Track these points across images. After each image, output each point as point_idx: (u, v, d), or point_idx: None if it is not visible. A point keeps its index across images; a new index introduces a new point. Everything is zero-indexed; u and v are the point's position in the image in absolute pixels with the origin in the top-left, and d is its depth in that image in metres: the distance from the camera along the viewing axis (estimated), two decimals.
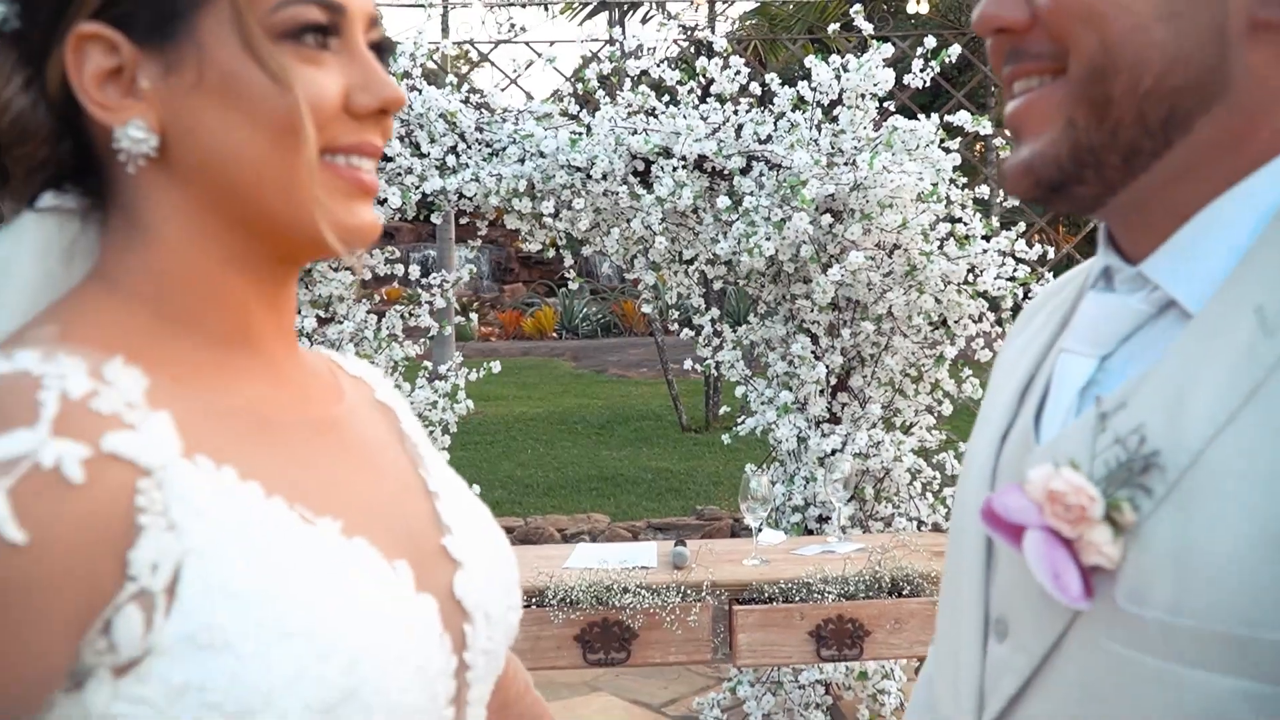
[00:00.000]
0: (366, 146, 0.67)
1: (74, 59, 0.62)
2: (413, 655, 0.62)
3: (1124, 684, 0.57)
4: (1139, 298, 0.65)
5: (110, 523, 0.54)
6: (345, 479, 0.68)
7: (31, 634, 0.53)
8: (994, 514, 0.60)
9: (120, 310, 0.64)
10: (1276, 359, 0.56)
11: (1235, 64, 0.60)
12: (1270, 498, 0.53)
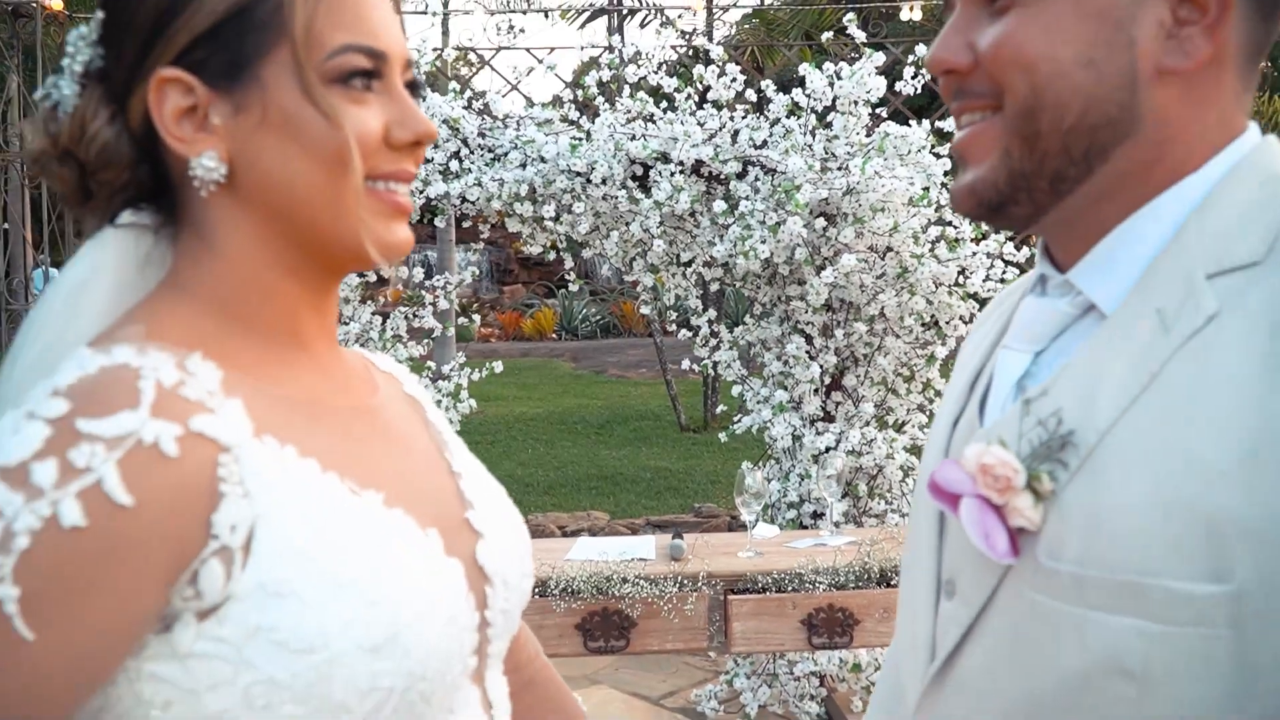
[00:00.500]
0: (403, 174, 0.77)
1: (156, 98, 0.73)
2: (444, 608, 0.72)
3: (1043, 627, 0.67)
4: (1066, 301, 0.76)
5: (197, 490, 0.65)
6: (383, 459, 0.78)
7: (133, 582, 0.62)
8: (937, 485, 0.71)
9: (193, 313, 0.74)
10: (1171, 352, 0.66)
11: (1144, 104, 0.70)
12: (1161, 470, 0.63)
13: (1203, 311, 0.66)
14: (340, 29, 0.73)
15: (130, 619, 0.63)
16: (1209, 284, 0.67)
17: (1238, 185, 0.70)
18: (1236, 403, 0.62)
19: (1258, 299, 0.65)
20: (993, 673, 0.71)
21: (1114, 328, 0.70)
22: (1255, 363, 0.63)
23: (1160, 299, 0.68)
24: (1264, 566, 0.59)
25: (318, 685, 0.66)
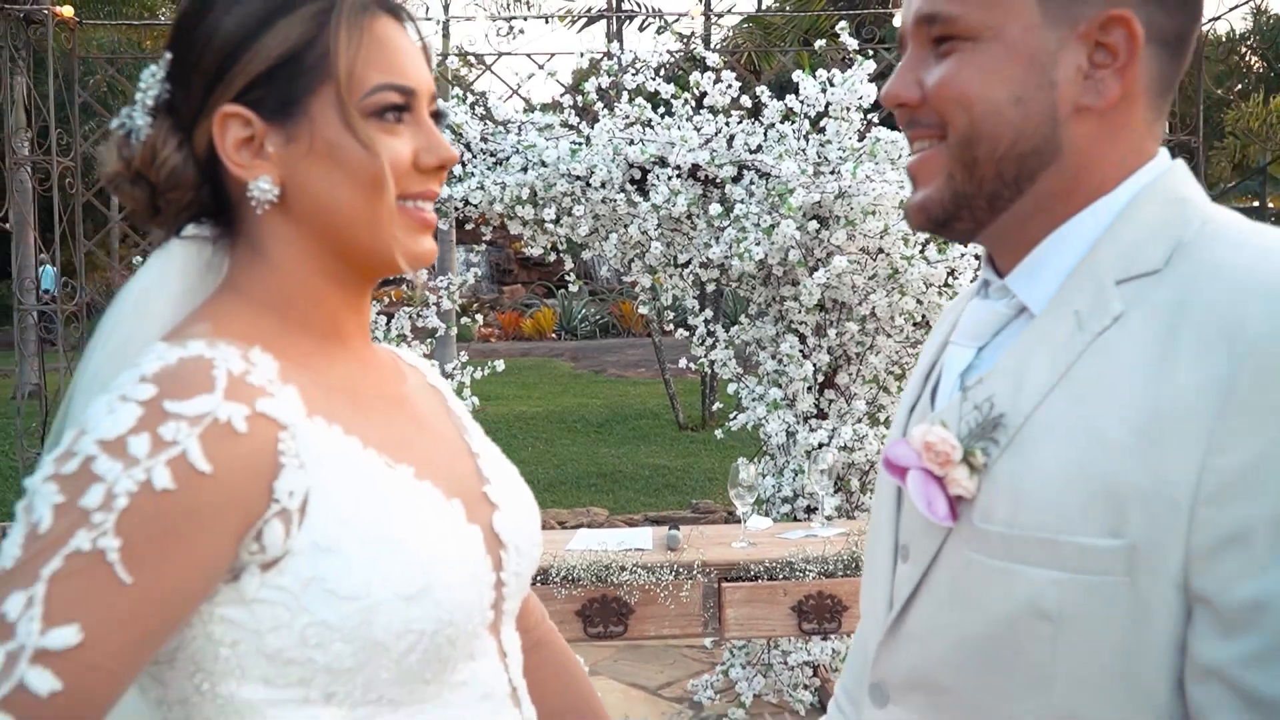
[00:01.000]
0: (429, 193, 0.89)
1: (219, 130, 0.84)
2: (466, 566, 0.84)
3: (976, 580, 0.78)
4: (1004, 304, 0.87)
5: (262, 462, 0.76)
6: (413, 439, 0.90)
7: (210, 536, 0.74)
8: (889, 460, 0.82)
9: (251, 313, 0.86)
10: (1084, 347, 0.77)
11: (1064, 136, 0.82)
12: (1072, 445, 0.75)
13: (1110, 312, 0.78)
14: (375, 70, 0.85)
15: (207, 568, 0.74)
16: (1117, 289, 0.79)
17: (1145, 205, 0.82)
18: (1133, 388, 0.74)
19: (1155, 301, 0.76)
20: (936, 621, 0.83)
21: (1040, 326, 0.82)
22: (1149, 355, 0.74)
23: (1077, 302, 0.80)
24: (1152, 524, 0.71)
25: (361, 627, 0.77)
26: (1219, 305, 0.73)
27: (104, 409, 0.74)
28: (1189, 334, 0.73)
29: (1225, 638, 0.68)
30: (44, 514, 0.71)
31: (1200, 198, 0.83)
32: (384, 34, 0.86)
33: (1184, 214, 0.81)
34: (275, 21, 0.84)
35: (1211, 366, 0.71)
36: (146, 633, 0.72)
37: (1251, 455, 0.68)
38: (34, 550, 0.70)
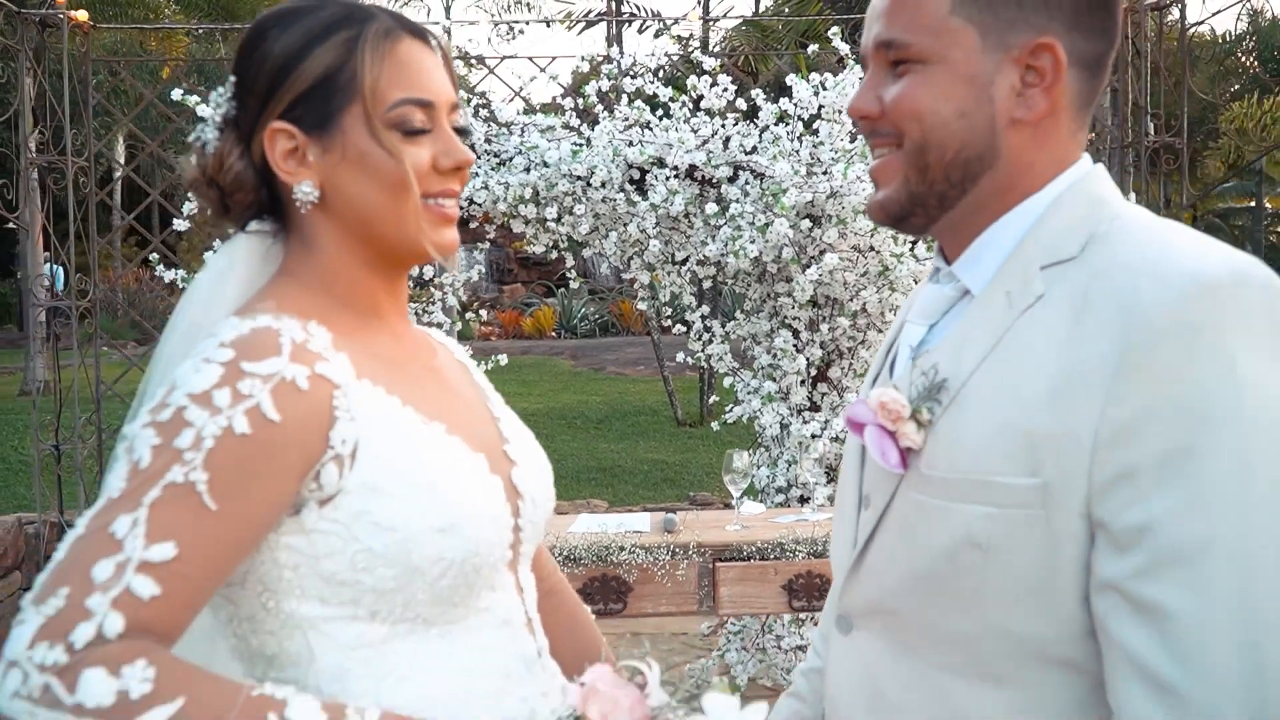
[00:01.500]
0: (449, 192, 1.02)
1: (269, 143, 0.99)
2: (489, 509, 0.98)
3: (922, 518, 0.92)
4: (950, 287, 1.01)
5: (320, 414, 0.91)
6: (444, 401, 1.04)
7: (278, 475, 0.88)
8: (850, 419, 0.97)
9: (305, 293, 1.00)
10: (1012, 322, 0.91)
11: (1001, 145, 0.96)
12: (1000, 403, 0.89)
13: (1034, 292, 0.92)
14: (397, 87, 0.99)
15: (275, 501, 0.89)
16: (1041, 273, 0.93)
17: (1067, 203, 0.96)
18: (1048, 355, 0.87)
19: (1070, 283, 0.90)
20: (890, 556, 0.97)
21: (978, 305, 0.96)
22: (1063, 328, 0.88)
23: (1009, 284, 0.94)
24: (1061, 465, 0.84)
25: (401, 555, 0.92)
26: (1119, 288, 0.87)
27: (191, 369, 0.88)
28: (1094, 311, 0.87)
29: (1118, 556, 0.83)
30: (144, 453, 0.85)
31: (1115, 198, 0.97)
32: (405, 55, 1.00)
33: (1099, 211, 0.95)
34: (313, 49, 0.99)
35: (1110, 337, 0.85)
36: (227, 552, 0.86)
37: (1139, 408, 0.82)
38: (136, 483, 0.84)
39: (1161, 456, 0.81)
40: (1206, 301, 0.83)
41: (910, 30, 0.95)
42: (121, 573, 0.81)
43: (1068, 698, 0.88)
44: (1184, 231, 0.92)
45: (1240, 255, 0.87)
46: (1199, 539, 0.79)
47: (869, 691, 1.00)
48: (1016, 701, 0.89)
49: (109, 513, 0.83)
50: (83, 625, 0.79)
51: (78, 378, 5.13)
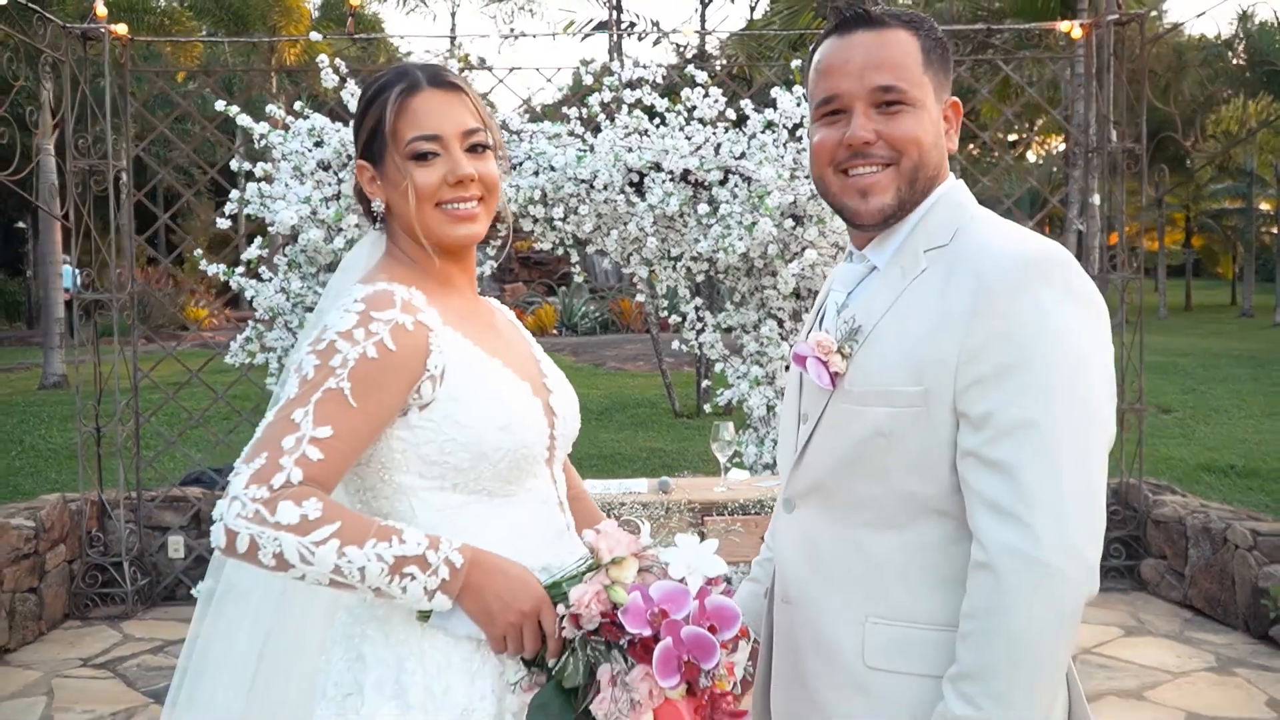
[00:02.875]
0: (458, 198, 1.41)
1: (359, 173, 1.43)
2: (532, 418, 1.39)
3: (845, 420, 1.32)
4: (862, 266, 1.42)
5: (420, 348, 1.31)
6: (500, 345, 1.45)
7: (393, 387, 1.27)
8: (796, 355, 1.37)
9: (402, 269, 1.41)
10: (905, 287, 1.32)
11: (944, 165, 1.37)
12: (896, 341, 1.28)
13: (919, 267, 1.33)
14: (410, 128, 1.40)
15: (390, 404, 1.29)
16: (924, 255, 1.33)
17: (941, 206, 1.37)
18: (928, 308, 1.28)
19: (942, 261, 1.31)
20: (822, 450, 1.37)
21: (881, 277, 1.37)
22: (937, 290, 1.29)
23: (902, 262, 1.35)
24: (936, 378, 1.25)
25: (474, 443, 1.32)
26: (973, 263, 1.28)
27: (338, 316, 1.29)
28: (957, 279, 1.28)
29: (973, 433, 1.23)
30: (309, 370, 1.26)
31: (971, 203, 1.38)
32: (419, 103, 1.41)
33: (961, 214, 1.36)
34: (369, 108, 1.43)
35: (966, 295, 1.26)
36: (361, 435, 1.27)
37: (983, 339, 1.23)
38: (305, 389, 1.25)
39: (998, 369, 1.22)
40: (1026, 271, 1.25)
41: (904, 80, 1.35)
42: (299, 444, 1.22)
43: (942, 534, 1.29)
44: (1013, 226, 1.34)
45: (1048, 241, 1.29)
46: (1022, 419, 1.21)
47: (807, 550, 1.40)
48: (910, 541, 1.30)
49: (289, 407, 1.24)
50: (277, 475, 1.20)
51: (117, 366, 5.50)
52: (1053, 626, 1.18)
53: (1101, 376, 1.26)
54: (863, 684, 1.30)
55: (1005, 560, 1.19)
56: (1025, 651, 1.18)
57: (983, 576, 1.21)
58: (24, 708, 4.18)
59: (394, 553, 1.22)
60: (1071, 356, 1.23)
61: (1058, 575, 1.18)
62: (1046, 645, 1.19)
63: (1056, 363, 1.22)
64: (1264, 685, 4.16)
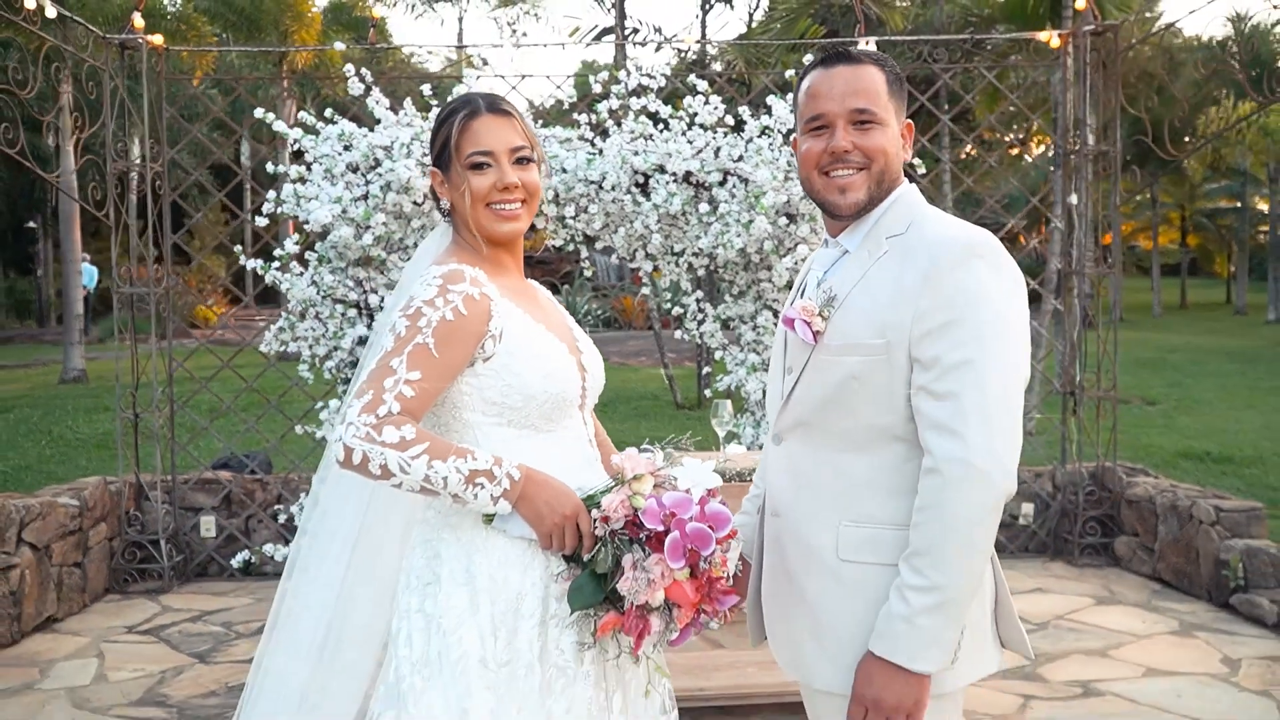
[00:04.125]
0: (505, 199, 1.77)
1: (432, 177, 1.80)
2: (568, 371, 1.75)
3: (824, 369, 1.67)
4: (836, 250, 1.78)
5: (484, 313, 1.67)
6: (542, 315, 1.80)
7: (464, 343, 1.63)
8: (786, 317, 1.73)
9: (466, 254, 1.76)
10: (871, 265, 1.68)
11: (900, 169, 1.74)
12: (865, 307, 1.64)
13: (882, 250, 1.69)
14: (470, 144, 1.77)
15: (462, 356, 1.65)
16: (886, 240, 1.70)
17: (898, 203, 1.73)
18: (887, 281, 1.64)
19: (900, 246, 1.67)
20: (804, 394, 1.72)
21: (853, 258, 1.73)
22: (896, 268, 1.64)
23: (870, 247, 1.71)
24: (896, 333, 1.60)
25: (524, 388, 1.68)
26: (923, 246, 1.64)
27: (422, 288, 1.65)
28: (912, 259, 1.65)
29: (924, 372, 1.59)
30: (402, 329, 1.62)
31: (921, 202, 1.75)
32: (477, 125, 1.78)
33: (913, 210, 1.73)
34: (440, 128, 1.81)
35: (919, 271, 1.62)
36: (442, 379, 1.63)
37: (932, 303, 1.59)
38: (399, 343, 1.61)
39: (943, 324, 1.58)
40: (965, 252, 1.61)
41: (875, 105, 1.72)
42: (396, 384, 1.58)
43: (898, 455, 1.65)
44: (953, 219, 1.71)
45: (981, 230, 1.66)
46: (962, 360, 1.57)
47: (792, 473, 1.76)
48: (874, 462, 1.66)
49: (387, 357, 1.60)
50: (381, 407, 1.56)
51: (155, 358, 5.85)
52: (980, 514, 1.54)
53: (1019, 331, 1.62)
54: (836, 573, 1.67)
55: (947, 465, 1.55)
56: (959, 534, 1.54)
57: (930, 479, 1.57)
58: (78, 668, 4.54)
59: (469, 467, 1.59)
60: (998, 316, 1.59)
61: (985, 476, 1.54)
62: (975, 529, 1.55)
63: (987, 319, 1.58)
64: (1219, 646, 4.53)
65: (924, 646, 1.55)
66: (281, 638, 1.99)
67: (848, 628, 1.64)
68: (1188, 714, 3.79)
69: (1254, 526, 5.22)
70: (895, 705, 1.56)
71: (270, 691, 2.00)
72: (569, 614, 1.66)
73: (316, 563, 1.87)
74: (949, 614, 1.55)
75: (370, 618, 1.90)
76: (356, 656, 1.94)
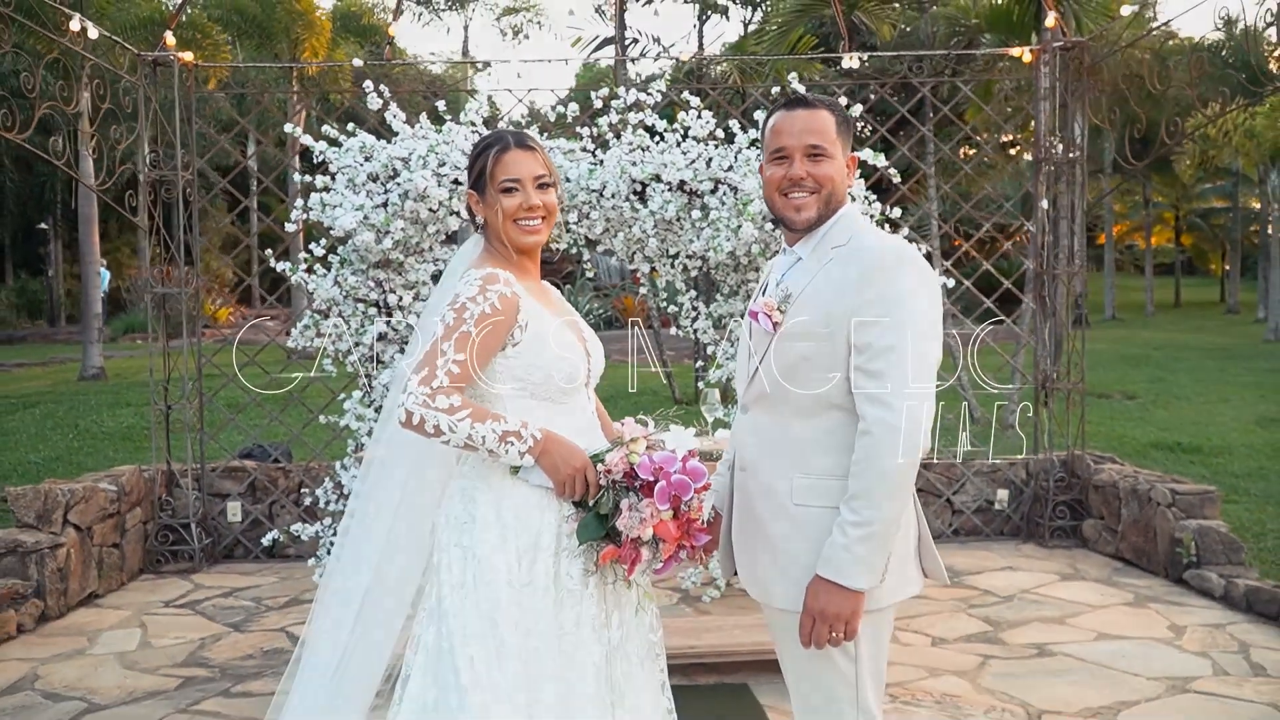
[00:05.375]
0: (529, 217, 2.19)
1: (469, 198, 2.23)
2: (577, 354, 2.17)
3: (782, 352, 2.08)
4: (792, 257, 2.19)
5: (514, 307, 2.10)
6: (557, 312, 2.22)
7: (498, 331, 2.05)
8: (750, 311, 2.14)
9: (497, 260, 2.18)
10: (819, 270, 2.08)
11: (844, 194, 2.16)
12: (814, 302, 2.05)
13: (828, 258, 2.10)
14: (503, 173, 2.19)
15: (497, 342, 2.07)
16: (831, 250, 2.11)
17: (842, 221, 2.14)
18: (833, 283, 2.05)
19: (843, 254, 2.07)
20: (766, 373, 2.12)
21: (804, 264, 2.14)
22: (839, 271, 2.05)
23: (819, 255, 2.12)
24: (839, 324, 2.01)
25: (544, 367, 2.10)
26: (861, 254, 2.06)
27: (465, 286, 2.07)
28: (853, 264, 2.06)
29: (860, 355, 2.00)
30: (450, 320, 2.03)
31: (860, 219, 2.16)
32: (509, 158, 2.20)
33: (854, 225, 2.14)
34: (477, 159, 2.22)
35: (857, 272, 2.03)
36: (480, 360, 2.04)
37: (866, 298, 2.00)
38: (447, 331, 2.02)
39: (875, 317, 1.99)
40: (895, 261, 2.03)
41: (825, 141, 2.13)
42: (446, 363, 1.99)
43: (838, 420, 2.05)
44: (884, 233, 2.13)
45: (904, 242, 2.08)
46: (888, 345, 1.97)
47: (756, 436, 2.17)
48: (819, 425, 2.07)
49: (439, 342, 2.02)
50: (434, 380, 1.98)
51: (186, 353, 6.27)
52: (902, 466, 1.95)
53: (933, 323, 2.04)
54: (791, 514, 2.08)
55: (877, 428, 1.96)
56: (887, 482, 1.95)
57: (864, 439, 1.98)
58: (124, 636, 4.96)
59: (502, 428, 2.01)
60: (917, 311, 2.01)
61: (907, 436, 1.95)
62: (898, 478, 1.96)
63: (909, 314, 2.00)
64: (1168, 615, 4.95)
65: (858, 569, 1.97)
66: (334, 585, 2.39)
67: (800, 557, 2.06)
68: (1129, 670, 4.21)
69: (1207, 508, 5.63)
70: (836, 615, 1.98)
71: (325, 635, 2.37)
72: (577, 546, 2.08)
73: (375, 510, 2.30)
74: (878, 544, 1.97)
75: (410, 560, 2.31)
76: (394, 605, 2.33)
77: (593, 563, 2.10)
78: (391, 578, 2.28)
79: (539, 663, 2.06)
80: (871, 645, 2.08)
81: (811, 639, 2.01)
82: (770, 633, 2.24)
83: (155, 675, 4.40)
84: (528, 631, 2.06)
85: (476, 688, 2.01)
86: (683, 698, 2.57)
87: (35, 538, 5.21)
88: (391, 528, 2.27)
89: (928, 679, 4.16)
